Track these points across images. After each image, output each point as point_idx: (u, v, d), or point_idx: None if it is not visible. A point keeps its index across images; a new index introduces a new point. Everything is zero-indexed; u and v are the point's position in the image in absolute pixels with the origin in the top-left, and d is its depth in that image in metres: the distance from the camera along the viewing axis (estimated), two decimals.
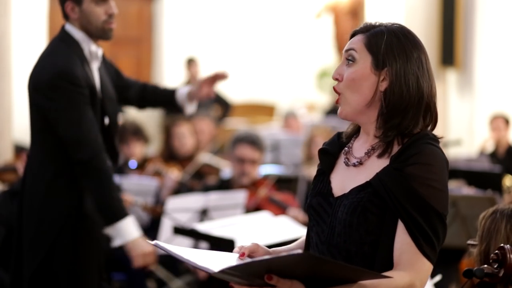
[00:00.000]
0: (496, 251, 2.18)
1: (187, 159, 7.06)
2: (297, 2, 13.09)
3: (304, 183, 6.43)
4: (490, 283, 2.19)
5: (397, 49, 2.17)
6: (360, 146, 2.24)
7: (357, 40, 2.21)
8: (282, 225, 4.28)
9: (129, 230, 3.60)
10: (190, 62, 10.83)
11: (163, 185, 6.11)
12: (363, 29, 2.23)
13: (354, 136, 2.29)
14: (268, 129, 10.09)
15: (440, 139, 2.20)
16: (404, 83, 2.15)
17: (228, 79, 4.03)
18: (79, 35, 3.58)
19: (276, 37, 13.01)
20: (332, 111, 10.61)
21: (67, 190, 3.55)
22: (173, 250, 2.10)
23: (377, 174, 2.13)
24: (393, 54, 2.16)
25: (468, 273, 2.16)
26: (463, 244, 4.48)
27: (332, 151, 2.29)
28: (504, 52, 9.90)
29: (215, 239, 4.03)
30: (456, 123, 10.33)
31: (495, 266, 2.17)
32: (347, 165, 2.23)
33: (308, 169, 6.74)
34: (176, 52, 12.40)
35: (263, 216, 4.46)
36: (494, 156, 8.39)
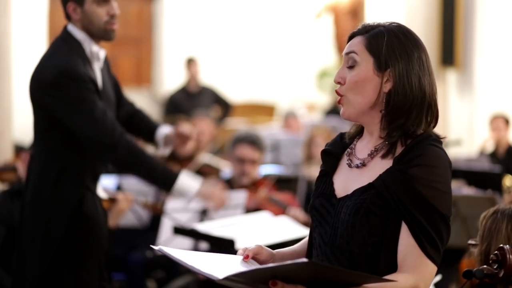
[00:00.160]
0: (495, 252, 2.18)
1: (187, 159, 7.05)
2: (297, 2, 13.09)
3: (304, 183, 6.43)
4: (490, 283, 2.19)
5: (398, 49, 2.16)
6: (363, 147, 2.23)
7: (357, 42, 2.20)
8: (282, 225, 4.28)
9: (188, 186, 3.70)
10: (190, 62, 10.82)
11: None
12: (362, 30, 2.22)
13: (357, 137, 2.28)
14: (268, 129, 10.09)
15: (442, 139, 2.20)
16: (407, 83, 2.15)
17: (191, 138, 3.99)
18: (81, 36, 3.58)
19: (276, 37, 13.00)
20: (332, 111, 10.60)
21: (70, 189, 3.55)
22: (177, 256, 2.10)
23: (380, 175, 2.13)
24: (394, 54, 2.16)
25: (467, 273, 2.16)
26: (463, 244, 4.48)
27: (335, 152, 2.29)
28: (504, 52, 9.90)
29: (215, 239, 4.03)
30: (456, 123, 10.32)
31: (494, 267, 2.17)
32: (350, 166, 2.22)
33: (308, 169, 6.74)
34: (176, 52, 12.40)
35: (263, 216, 4.46)
36: (494, 156, 8.38)
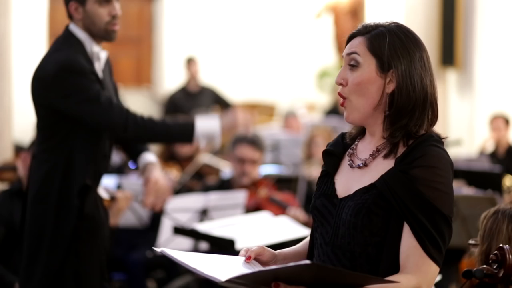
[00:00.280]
0: (495, 252, 2.18)
1: (187, 160, 7.07)
2: (297, 2, 13.08)
3: (304, 183, 6.43)
4: (490, 283, 2.19)
5: (400, 49, 2.16)
6: (365, 147, 2.23)
7: (358, 43, 2.19)
8: (282, 225, 4.28)
9: (209, 127, 3.68)
10: (190, 62, 10.82)
11: None
12: (362, 31, 2.21)
13: (358, 137, 2.28)
14: (268, 129, 10.08)
15: (444, 139, 2.20)
16: (410, 84, 2.15)
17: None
18: (82, 35, 3.58)
19: (276, 37, 12.99)
20: (332, 111, 10.60)
21: (75, 188, 3.54)
22: (179, 258, 2.10)
23: (382, 176, 2.13)
24: (397, 55, 2.15)
25: (467, 273, 2.17)
26: (463, 244, 4.48)
27: (336, 152, 2.28)
28: (504, 52, 9.90)
29: (215, 239, 4.03)
30: (456, 123, 10.31)
31: (494, 267, 2.17)
32: (351, 167, 2.22)
33: (308, 169, 6.74)
34: (176, 52, 12.39)
35: (263, 216, 4.46)
36: (494, 156, 8.38)
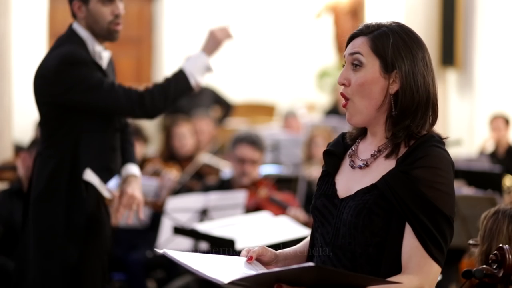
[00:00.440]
0: (495, 252, 2.18)
1: (187, 159, 7.06)
2: (297, 2, 13.08)
3: (304, 183, 6.43)
4: (490, 283, 2.19)
5: (403, 50, 2.15)
6: (366, 148, 2.23)
7: (361, 43, 2.18)
8: (282, 225, 4.28)
9: (195, 62, 3.78)
10: None
11: (162, 185, 6.10)
12: (365, 31, 2.19)
13: (359, 138, 2.27)
14: (268, 129, 10.08)
15: (445, 139, 2.20)
16: (413, 84, 2.14)
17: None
18: (84, 34, 3.58)
19: (276, 37, 12.99)
20: (332, 111, 10.59)
21: (83, 182, 3.53)
22: (181, 260, 2.09)
23: (383, 176, 2.13)
24: (400, 56, 2.15)
25: (467, 273, 2.16)
26: (463, 244, 4.48)
27: (337, 152, 2.28)
28: (504, 52, 9.90)
29: (215, 239, 4.03)
30: (456, 123, 10.31)
31: (494, 267, 2.17)
32: (352, 167, 2.22)
33: (308, 169, 6.75)
34: (176, 52, 12.38)
35: (263, 216, 4.46)
36: (494, 156, 8.38)
